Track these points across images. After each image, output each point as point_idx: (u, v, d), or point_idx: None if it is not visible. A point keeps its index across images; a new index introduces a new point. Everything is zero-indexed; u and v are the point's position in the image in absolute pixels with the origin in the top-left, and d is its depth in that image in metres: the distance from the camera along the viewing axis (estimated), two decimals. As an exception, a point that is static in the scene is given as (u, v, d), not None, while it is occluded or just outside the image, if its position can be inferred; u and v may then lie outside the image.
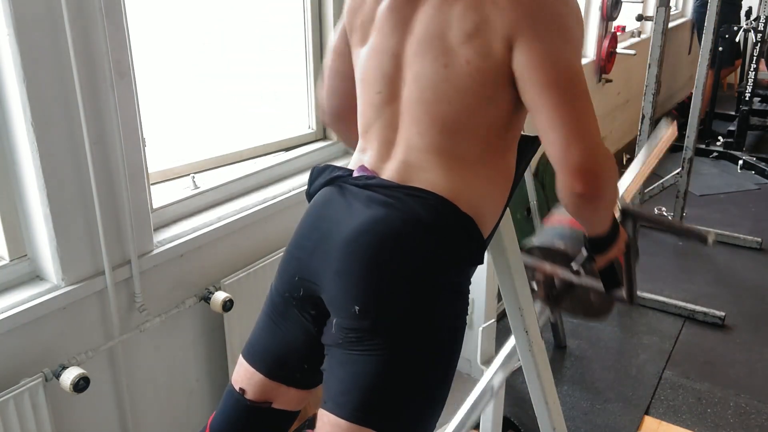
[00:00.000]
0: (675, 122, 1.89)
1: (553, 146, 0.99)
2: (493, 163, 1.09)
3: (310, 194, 1.19)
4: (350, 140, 1.33)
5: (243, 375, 1.21)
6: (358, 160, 1.16)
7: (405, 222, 1.03)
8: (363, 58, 1.16)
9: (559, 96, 0.98)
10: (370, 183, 1.09)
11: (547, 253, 1.48)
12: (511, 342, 1.52)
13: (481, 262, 1.11)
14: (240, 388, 1.20)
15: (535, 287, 1.53)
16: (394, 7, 1.11)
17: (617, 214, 1.41)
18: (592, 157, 0.98)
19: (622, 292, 1.45)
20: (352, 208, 1.07)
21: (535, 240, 1.51)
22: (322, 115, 1.37)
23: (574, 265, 1.36)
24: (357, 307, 1.02)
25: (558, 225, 1.51)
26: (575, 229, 1.43)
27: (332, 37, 1.28)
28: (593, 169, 0.98)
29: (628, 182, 1.73)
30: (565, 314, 1.61)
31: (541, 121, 1.00)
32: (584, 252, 1.32)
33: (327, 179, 1.15)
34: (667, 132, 1.86)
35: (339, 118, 1.33)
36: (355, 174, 1.12)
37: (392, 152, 1.11)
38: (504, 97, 1.04)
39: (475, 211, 1.06)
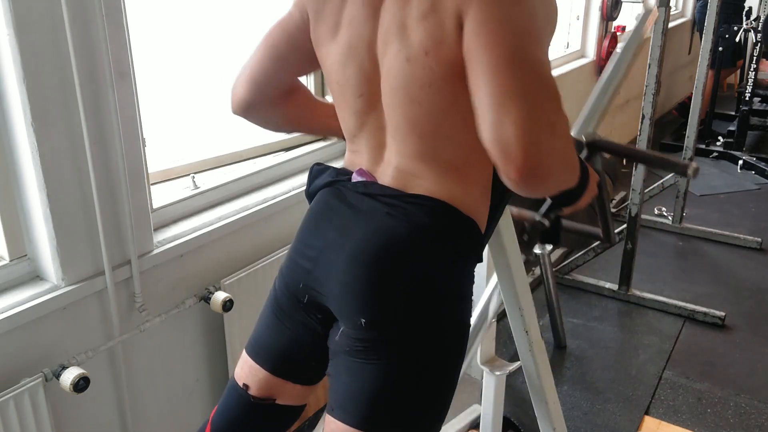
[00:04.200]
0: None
1: (484, 124, 0.85)
2: (480, 164, 1.04)
3: (309, 194, 1.18)
4: (269, 124, 1.25)
5: (247, 371, 1.20)
6: (353, 162, 1.12)
7: (410, 232, 1.01)
8: (337, 56, 1.05)
9: (500, 65, 0.84)
10: (370, 191, 1.06)
11: (515, 198, 1.39)
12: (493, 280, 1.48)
13: (481, 260, 1.11)
14: (244, 384, 1.20)
15: None
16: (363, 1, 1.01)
17: (584, 152, 1.33)
18: (530, 140, 0.82)
19: (598, 231, 1.37)
20: (356, 218, 1.05)
21: None
22: (235, 104, 1.20)
23: (537, 216, 1.25)
24: (363, 320, 1.01)
25: None
26: None
27: (280, 16, 1.15)
28: (529, 155, 0.82)
29: (595, 111, 1.52)
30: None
31: (476, 96, 0.87)
32: (547, 200, 1.21)
33: (326, 181, 1.13)
34: (650, 14, 1.67)
35: (259, 105, 1.18)
36: (354, 178, 1.10)
37: (384, 156, 1.07)
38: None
39: (475, 212, 1.05)
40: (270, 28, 1.17)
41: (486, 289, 1.60)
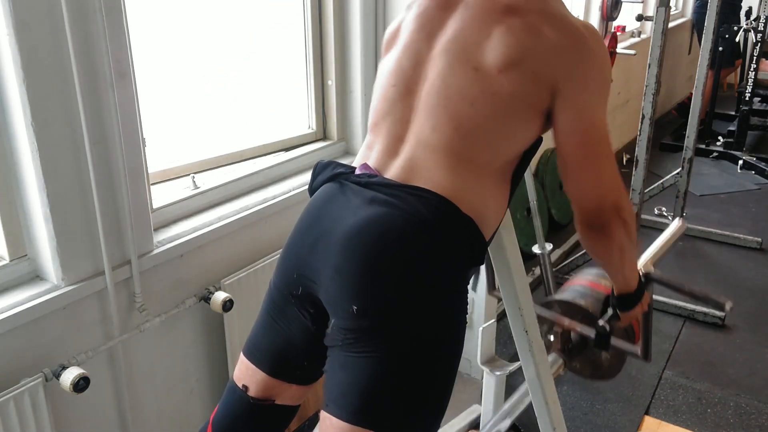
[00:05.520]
0: (684, 221, 2.05)
1: (572, 191, 1.12)
2: (500, 172, 1.10)
3: (312, 189, 1.19)
4: None
5: (245, 373, 1.21)
6: (364, 156, 1.15)
7: (406, 221, 1.02)
8: (386, 60, 1.19)
9: (587, 152, 1.09)
10: (371, 181, 1.08)
11: (567, 308, 1.55)
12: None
13: (481, 263, 1.11)
14: (243, 385, 1.21)
15: (552, 339, 1.58)
16: (423, 13, 1.14)
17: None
18: (606, 201, 1.11)
19: (638, 351, 1.53)
20: (352, 206, 1.07)
21: (557, 295, 1.56)
22: None
23: (601, 321, 1.42)
24: (355, 307, 1.01)
25: (579, 285, 1.59)
26: (597, 290, 1.52)
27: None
28: (604, 209, 1.11)
29: (647, 257, 1.93)
30: (574, 372, 1.72)
31: (566, 167, 1.11)
32: (610, 309, 1.39)
33: (329, 176, 1.15)
34: (677, 225, 2.08)
35: None
36: (357, 172, 1.12)
37: (400, 148, 1.10)
38: (536, 122, 1.09)
39: (476, 213, 1.06)
40: None
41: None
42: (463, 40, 1.08)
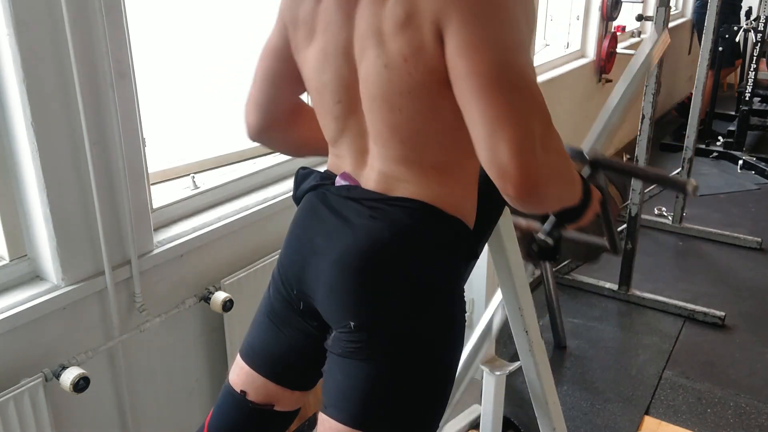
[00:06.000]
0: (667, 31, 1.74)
1: (479, 146, 0.87)
2: (462, 163, 1.04)
3: (296, 198, 1.18)
4: (287, 148, 1.29)
5: (244, 378, 1.20)
6: (338, 165, 1.12)
7: (393, 234, 1.01)
8: (313, 63, 1.05)
9: (488, 86, 0.85)
10: (352, 195, 1.06)
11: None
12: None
13: (477, 257, 1.10)
14: (241, 390, 1.19)
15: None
16: (336, 3, 0.99)
17: (586, 170, 1.36)
18: (530, 168, 0.84)
19: (605, 243, 1.40)
20: (340, 223, 1.05)
21: None
22: (248, 129, 1.23)
23: (541, 235, 1.28)
24: (353, 323, 1.02)
25: None
26: None
27: (267, 36, 1.16)
28: (524, 174, 0.84)
29: (599, 131, 1.58)
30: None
31: (469, 117, 0.88)
32: (551, 217, 1.25)
33: (311, 185, 1.13)
34: (661, 39, 1.64)
35: (270, 128, 1.21)
36: (338, 182, 1.09)
37: (367, 160, 1.06)
38: (450, 96, 0.92)
39: (459, 211, 1.05)
40: (261, 50, 1.17)
41: (491, 302, 1.62)
42: (370, 29, 0.95)
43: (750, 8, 5.15)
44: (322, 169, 1.16)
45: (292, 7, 1.07)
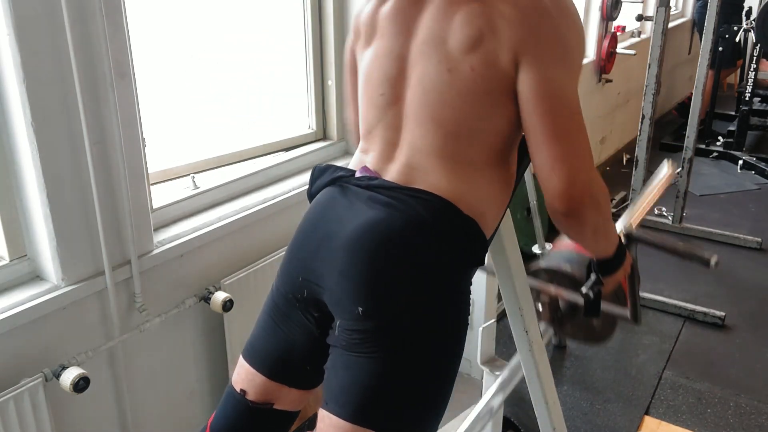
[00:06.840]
0: (673, 162, 2.00)
1: (539, 168, 1.03)
2: (495, 167, 1.09)
3: (311, 194, 1.19)
4: None
5: (244, 376, 1.20)
6: (360, 160, 1.16)
7: (407, 223, 1.03)
8: (366, 61, 1.16)
9: (552, 124, 1.01)
10: (372, 184, 1.09)
11: (553, 275, 1.52)
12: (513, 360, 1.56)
13: (482, 264, 1.11)
14: (241, 389, 1.20)
15: (540, 309, 1.56)
16: (398, 10, 1.11)
17: (622, 239, 1.45)
18: (576, 182, 1.01)
19: (627, 314, 1.49)
20: (354, 209, 1.07)
21: (542, 263, 1.54)
22: (354, 135, 1.34)
23: (584, 289, 1.38)
24: (360, 309, 1.02)
25: (564, 250, 1.55)
26: (581, 254, 1.46)
27: (345, 56, 1.28)
28: (575, 193, 1.01)
29: (630, 216, 1.84)
30: (567, 338, 1.68)
31: (532, 142, 1.03)
32: (593, 275, 1.35)
33: (329, 179, 1.15)
34: (666, 172, 1.95)
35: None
36: (357, 174, 1.12)
37: (395, 154, 1.11)
38: (509, 106, 1.05)
39: (476, 213, 1.06)
40: (344, 72, 1.31)
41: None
42: (433, 38, 1.06)
43: (750, 8, 5.14)
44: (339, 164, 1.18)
45: (356, 25, 1.21)
